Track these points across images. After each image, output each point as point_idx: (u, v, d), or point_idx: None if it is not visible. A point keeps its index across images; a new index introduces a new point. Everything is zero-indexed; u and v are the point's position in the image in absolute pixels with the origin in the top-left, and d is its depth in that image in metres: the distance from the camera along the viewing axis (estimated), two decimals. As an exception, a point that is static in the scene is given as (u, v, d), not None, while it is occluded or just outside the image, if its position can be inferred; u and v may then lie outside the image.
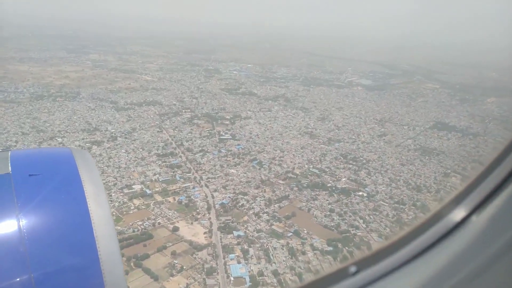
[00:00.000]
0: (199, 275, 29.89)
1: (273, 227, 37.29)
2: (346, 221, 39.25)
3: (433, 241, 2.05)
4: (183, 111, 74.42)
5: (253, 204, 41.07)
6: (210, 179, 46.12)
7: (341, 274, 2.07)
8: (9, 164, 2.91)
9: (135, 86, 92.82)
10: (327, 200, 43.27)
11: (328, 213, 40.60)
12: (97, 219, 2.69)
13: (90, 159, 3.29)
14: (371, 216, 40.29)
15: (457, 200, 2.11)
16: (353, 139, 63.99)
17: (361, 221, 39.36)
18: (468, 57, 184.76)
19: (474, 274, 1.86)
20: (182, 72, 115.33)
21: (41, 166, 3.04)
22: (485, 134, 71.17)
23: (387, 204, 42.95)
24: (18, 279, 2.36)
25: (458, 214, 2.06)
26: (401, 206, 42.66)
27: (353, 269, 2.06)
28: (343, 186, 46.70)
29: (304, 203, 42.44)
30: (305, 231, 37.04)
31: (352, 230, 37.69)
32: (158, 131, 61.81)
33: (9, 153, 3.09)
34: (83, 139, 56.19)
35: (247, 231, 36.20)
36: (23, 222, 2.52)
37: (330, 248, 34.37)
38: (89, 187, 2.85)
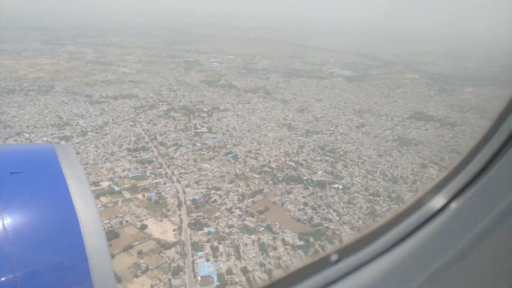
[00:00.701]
0: (165, 275, 28.94)
1: (245, 222, 36.50)
2: (320, 214, 38.75)
3: (414, 228, 2.07)
4: (160, 104, 72.69)
5: (225, 199, 40.15)
6: (182, 174, 44.97)
7: (323, 263, 2.06)
8: None
9: (111, 78, 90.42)
10: (301, 194, 42.66)
11: (302, 206, 40.00)
12: (83, 216, 2.62)
13: (73, 155, 3.24)
14: (345, 209, 39.86)
15: (438, 188, 2.13)
16: (331, 130, 63.49)
17: (334, 214, 38.91)
18: (452, 47, 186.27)
19: (454, 260, 1.89)
20: (161, 64, 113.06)
21: (23, 163, 2.94)
22: (463, 124, 71.54)
23: (361, 196, 42.58)
24: (3, 279, 2.26)
25: (439, 201, 2.09)
26: (376, 198, 42.35)
27: (334, 257, 2.06)
28: (319, 179, 46.15)
29: (278, 197, 41.74)
30: (278, 226, 36.39)
31: (325, 223, 37.20)
32: (131, 125, 60.14)
33: None
34: (51, 134, 54.21)
35: (218, 227, 35.32)
36: (7, 220, 2.42)
37: (302, 243, 33.80)
38: (73, 184, 2.78)
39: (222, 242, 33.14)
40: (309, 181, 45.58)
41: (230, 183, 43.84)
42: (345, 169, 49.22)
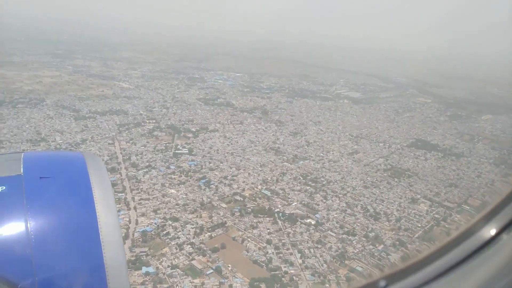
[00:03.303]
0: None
1: (193, 262, 32.47)
2: (281, 255, 34.36)
3: (463, 258, 2.01)
4: (148, 121, 70.24)
5: (180, 233, 36.28)
6: (142, 201, 41.51)
7: None
8: (22, 166, 2.93)
9: (107, 93, 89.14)
10: (268, 229, 38.40)
11: (264, 245, 35.73)
12: (104, 224, 2.66)
13: (102, 164, 3.29)
14: (312, 250, 35.33)
15: (488, 217, 2.07)
16: (320, 156, 59.11)
17: (298, 255, 34.41)
18: (473, 70, 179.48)
19: None
20: (163, 80, 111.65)
21: (52, 169, 3.04)
22: (470, 155, 65.84)
23: (334, 235, 37.95)
24: (22, 282, 2.31)
25: (489, 231, 2.01)
26: (350, 237, 37.59)
27: (382, 283, 2.05)
28: (291, 212, 41.83)
29: (240, 232, 37.60)
30: (230, 268, 32.19)
31: (284, 267, 32.77)
32: (109, 143, 57.55)
33: (22, 155, 3.13)
34: (23, 150, 52.05)
35: (159, 267, 31.44)
36: (31, 224, 2.50)
37: (250, 291, 29.48)
38: (98, 192, 2.83)
39: (158, 286, 29.18)
40: (280, 214, 41.30)
41: (192, 213, 40.06)
42: (324, 201, 44.71)
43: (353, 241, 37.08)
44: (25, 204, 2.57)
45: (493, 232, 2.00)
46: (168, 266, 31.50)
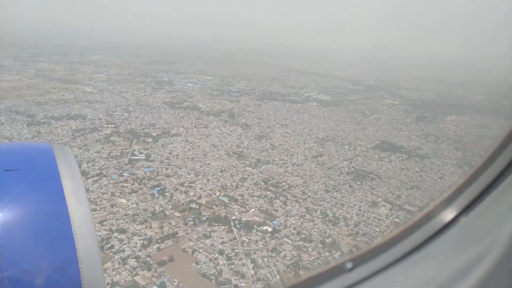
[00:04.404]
0: None
1: (136, 277, 30.23)
2: (233, 266, 32.55)
3: (425, 239, 2.12)
4: (106, 126, 67.18)
5: (125, 245, 33.94)
6: (88, 211, 38.85)
7: (338, 270, 2.13)
8: None
9: (68, 98, 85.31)
10: (222, 238, 36.53)
11: (216, 255, 33.84)
12: (76, 216, 2.55)
13: (71, 154, 3.15)
14: (266, 259, 33.69)
15: (449, 201, 2.18)
16: (284, 160, 57.73)
17: (251, 266, 32.72)
18: (442, 73, 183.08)
19: (463, 271, 1.92)
20: (129, 84, 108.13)
21: (18, 161, 2.87)
22: (434, 156, 65.99)
23: (290, 242, 36.46)
24: None
25: (449, 214, 2.12)
26: (306, 244, 36.19)
27: (349, 265, 2.13)
28: (248, 219, 40.11)
29: (192, 243, 35.57)
30: (176, 283, 30.13)
31: (235, 279, 31.00)
32: (61, 150, 54.32)
33: None
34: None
35: (98, 284, 29.04)
36: None
37: (195, 308, 27.60)
38: (68, 184, 2.70)
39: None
40: (237, 221, 39.53)
41: (141, 224, 37.76)
42: (283, 206, 43.22)
43: (309, 248, 35.66)
44: None
45: (452, 214, 2.08)
46: (108, 284, 29.12)
